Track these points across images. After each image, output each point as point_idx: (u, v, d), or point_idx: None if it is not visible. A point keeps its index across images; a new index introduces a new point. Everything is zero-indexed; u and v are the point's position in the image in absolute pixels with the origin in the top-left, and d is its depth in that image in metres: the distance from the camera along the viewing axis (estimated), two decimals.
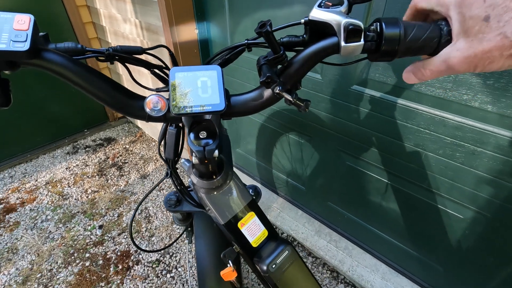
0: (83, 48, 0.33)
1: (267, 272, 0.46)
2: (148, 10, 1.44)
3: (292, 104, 0.36)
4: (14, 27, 0.26)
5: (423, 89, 0.86)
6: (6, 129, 1.94)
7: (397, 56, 0.32)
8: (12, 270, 1.37)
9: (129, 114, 0.36)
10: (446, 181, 0.95)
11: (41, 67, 0.30)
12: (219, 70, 0.34)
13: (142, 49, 0.38)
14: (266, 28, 0.29)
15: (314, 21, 0.33)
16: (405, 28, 0.30)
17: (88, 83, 0.32)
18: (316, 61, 0.34)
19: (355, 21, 0.30)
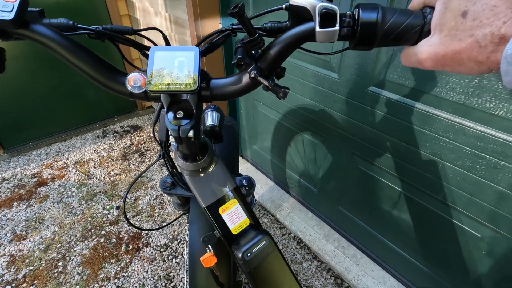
0: (75, 24, 0.36)
1: (242, 259, 0.46)
2: (177, 4, 1.49)
3: (269, 90, 0.35)
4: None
5: (444, 94, 0.81)
6: (46, 110, 2.12)
7: (375, 44, 0.30)
8: (37, 238, 1.50)
9: (113, 90, 0.38)
10: (464, 195, 0.88)
11: (30, 38, 0.32)
12: (197, 51, 0.35)
13: (132, 29, 0.39)
14: (237, 9, 0.29)
15: (293, 6, 0.32)
16: (384, 13, 0.29)
17: (74, 57, 0.34)
18: (293, 46, 0.33)
19: (330, 4, 0.29)
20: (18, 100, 1.98)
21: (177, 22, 1.58)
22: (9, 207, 1.67)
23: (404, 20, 0.28)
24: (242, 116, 1.76)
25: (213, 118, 0.60)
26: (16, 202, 1.71)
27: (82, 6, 1.97)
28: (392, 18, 0.28)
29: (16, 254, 1.42)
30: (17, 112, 2.00)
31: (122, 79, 0.37)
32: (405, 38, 0.29)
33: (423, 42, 0.28)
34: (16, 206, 1.68)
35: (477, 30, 0.23)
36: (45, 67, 1.98)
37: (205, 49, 0.41)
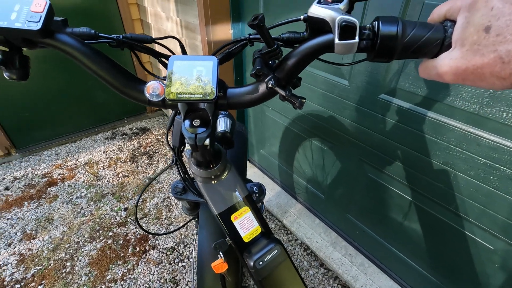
0: (96, 33, 0.37)
1: (254, 268, 0.46)
2: (188, 9, 1.51)
3: (286, 100, 0.36)
4: (31, 9, 0.30)
5: (457, 103, 0.80)
6: (58, 111, 2.16)
7: (394, 56, 0.30)
8: (46, 237, 1.52)
9: (132, 97, 0.38)
10: (477, 206, 0.86)
11: (54, 47, 0.33)
12: (215, 61, 0.35)
13: (151, 38, 0.40)
14: (257, 21, 0.30)
15: (312, 17, 0.32)
16: (404, 26, 0.29)
17: (95, 65, 0.35)
18: (311, 58, 0.34)
19: (350, 17, 0.29)
20: (31, 101, 2.02)
21: (188, 27, 1.60)
22: (20, 206, 1.70)
23: (425, 33, 0.28)
24: (250, 120, 1.77)
25: (225, 124, 0.61)
26: (27, 201, 1.73)
27: (97, 11, 2.01)
28: (412, 32, 0.28)
29: (26, 253, 1.44)
30: (29, 112, 2.04)
31: (140, 87, 0.38)
32: (425, 51, 0.29)
33: (444, 55, 0.28)
34: (26, 205, 1.71)
35: (501, 46, 0.23)
36: (57, 69, 2.02)
37: (222, 58, 0.41)
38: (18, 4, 0.30)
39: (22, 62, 0.33)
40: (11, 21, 0.29)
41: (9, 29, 0.29)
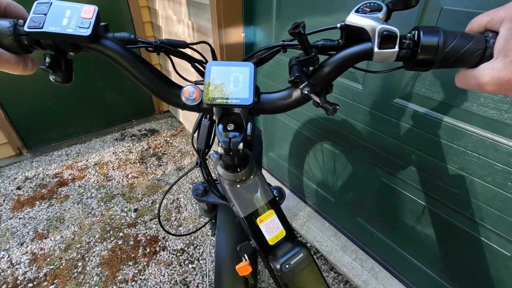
0: (136, 38, 0.38)
1: (280, 271, 0.46)
2: (201, 13, 1.53)
3: (320, 107, 0.36)
4: (81, 15, 0.31)
5: (474, 109, 0.80)
6: (69, 112, 2.19)
7: (433, 66, 0.31)
8: (58, 237, 1.53)
9: (167, 101, 0.39)
10: (493, 212, 0.86)
11: (99, 51, 0.34)
12: (252, 67, 0.36)
13: (186, 43, 0.41)
14: (299, 29, 0.30)
15: (350, 26, 0.33)
16: (445, 37, 0.29)
17: (135, 69, 0.36)
18: (348, 65, 0.34)
19: (391, 27, 0.30)
20: (43, 102, 2.05)
21: (200, 30, 1.62)
22: (31, 206, 1.72)
23: (466, 44, 0.29)
24: (260, 123, 1.77)
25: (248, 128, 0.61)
26: (38, 201, 1.75)
27: (108, 12, 2.04)
28: (453, 42, 0.29)
29: (38, 252, 1.45)
30: (41, 113, 2.07)
31: (176, 91, 0.39)
32: (465, 61, 0.30)
33: (485, 65, 0.28)
34: (38, 205, 1.73)
35: None
36: None
37: (254, 63, 0.42)
38: (69, 10, 0.31)
39: (67, 65, 0.35)
40: (63, 27, 0.30)
41: (61, 35, 0.30)
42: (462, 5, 0.74)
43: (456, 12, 0.75)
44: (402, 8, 0.32)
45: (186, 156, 2.17)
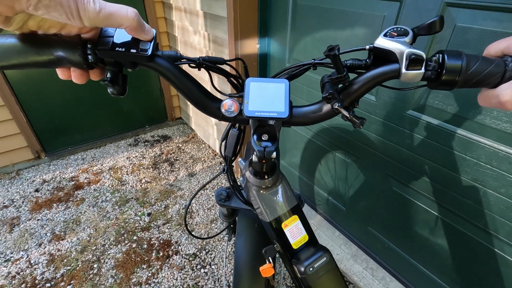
0: (181, 55, 0.42)
1: (304, 273, 0.49)
2: (218, 25, 1.59)
3: (348, 120, 0.40)
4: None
5: (488, 121, 0.82)
6: (85, 118, 2.26)
7: (456, 86, 0.34)
8: (74, 239, 1.58)
9: (207, 112, 0.43)
10: (507, 223, 0.87)
11: (153, 68, 0.38)
12: (287, 84, 0.40)
13: (223, 60, 0.45)
14: (334, 52, 0.34)
15: (378, 48, 0.36)
16: (468, 60, 0.32)
17: (182, 84, 0.40)
18: (376, 83, 0.38)
19: (418, 51, 0.33)
20: (62, 108, 2.13)
21: (216, 41, 1.68)
22: (49, 208, 1.78)
23: (487, 67, 0.32)
24: None
25: None
26: (55, 203, 1.81)
27: None
28: (475, 65, 0.32)
29: (55, 253, 1.50)
30: (60, 118, 2.15)
31: (215, 104, 0.43)
32: (486, 82, 0.33)
33: (506, 85, 0.31)
34: (55, 207, 1.78)
35: None
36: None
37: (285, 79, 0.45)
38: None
39: (123, 80, 0.39)
40: (128, 48, 0.35)
41: (125, 54, 0.35)
42: (476, 23, 0.77)
43: (469, 29, 0.79)
44: (426, 33, 0.35)
45: (198, 162, 2.22)
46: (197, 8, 1.71)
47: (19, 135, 2.00)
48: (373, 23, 1.01)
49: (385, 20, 0.97)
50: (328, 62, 0.42)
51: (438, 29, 0.34)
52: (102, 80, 0.37)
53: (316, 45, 1.26)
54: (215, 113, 0.43)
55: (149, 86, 2.46)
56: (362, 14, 1.03)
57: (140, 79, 2.38)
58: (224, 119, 0.43)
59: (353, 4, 1.05)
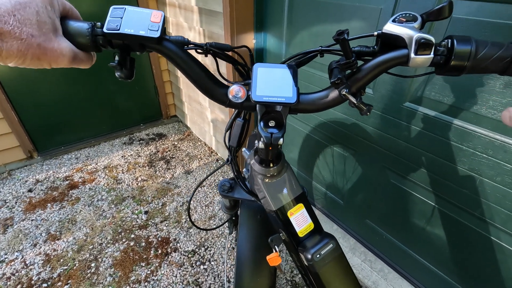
0: (188, 41, 0.42)
1: (311, 260, 0.49)
2: (213, 20, 1.58)
3: (355, 107, 0.40)
4: (151, 19, 0.35)
5: (483, 111, 0.84)
6: (79, 117, 2.22)
7: (464, 71, 0.34)
8: (70, 238, 1.55)
9: (214, 98, 0.43)
10: (503, 211, 0.89)
11: (161, 51, 0.38)
12: (295, 69, 0.40)
13: (230, 47, 0.45)
14: (343, 36, 0.34)
15: (386, 34, 0.37)
16: (477, 45, 0.33)
17: (190, 68, 0.40)
18: (384, 69, 0.38)
19: (427, 35, 0.34)
20: (55, 106, 2.09)
21: (212, 37, 1.67)
22: (43, 208, 1.75)
23: (496, 52, 0.32)
24: None
25: None
26: (50, 203, 1.78)
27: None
28: (484, 50, 0.33)
29: (51, 253, 1.47)
30: (52, 117, 2.11)
31: (222, 90, 0.42)
32: (494, 67, 0.33)
33: None
34: (50, 207, 1.75)
35: None
36: (79, 75, 2.09)
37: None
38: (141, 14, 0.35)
39: (131, 63, 0.38)
40: (137, 29, 0.34)
41: (134, 36, 0.34)
42: (472, 14, 0.78)
43: (465, 20, 0.80)
44: (435, 19, 0.35)
45: (194, 160, 2.21)
46: (192, 4, 1.70)
47: (11, 135, 1.96)
48: (370, 16, 1.01)
49: (382, 13, 0.98)
50: (335, 49, 0.42)
51: (447, 15, 0.35)
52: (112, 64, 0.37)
53: (313, 40, 1.26)
54: (222, 99, 0.43)
55: (144, 84, 2.43)
56: (358, 7, 1.03)
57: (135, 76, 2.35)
58: (231, 106, 0.43)
59: None
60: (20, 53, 0.31)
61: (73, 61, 0.36)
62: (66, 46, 0.35)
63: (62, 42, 0.34)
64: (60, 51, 0.34)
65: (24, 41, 0.31)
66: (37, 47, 0.32)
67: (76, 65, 0.37)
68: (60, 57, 0.34)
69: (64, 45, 0.34)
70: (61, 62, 0.35)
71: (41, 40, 0.32)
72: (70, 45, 0.35)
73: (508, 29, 0.73)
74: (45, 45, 0.33)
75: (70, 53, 0.35)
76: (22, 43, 0.31)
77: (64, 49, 0.34)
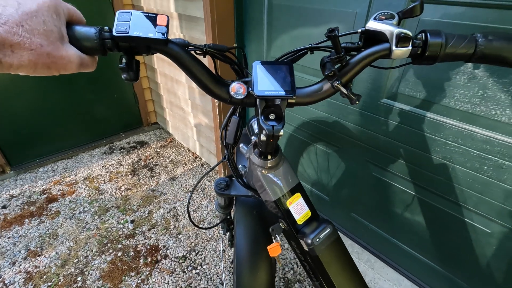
0: (188, 43, 0.44)
1: (312, 245, 0.52)
2: (194, 26, 1.60)
3: (346, 97, 0.44)
4: (157, 22, 0.37)
5: (452, 104, 0.92)
6: (54, 127, 2.14)
7: (438, 60, 0.40)
8: (52, 253, 1.49)
9: (216, 96, 0.45)
10: (474, 194, 0.98)
11: (167, 53, 0.40)
12: (291, 65, 0.44)
13: (226, 48, 0.48)
14: (335, 33, 0.38)
15: (369, 30, 0.41)
16: (447, 37, 0.38)
17: (195, 68, 0.42)
18: (370, 61, 0.42)
19: (406, 30, 0.38)
20: (27, 117, 2.00)
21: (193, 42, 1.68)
22: (20, 224, 1.66)
23: (462, 42, 0.38)
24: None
25: None
26: (27, 219, 1.69)
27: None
28: (452, 41, 0.38)
29: (33, 270, 1.40)
30: (25, 129, 2.01)
31: (224, 87, 0.45)
32: (462, 56, 0.39)
33: None
34: (27, 222, 1.66)
35: None
36: (54, 84, 2.01)
37: None
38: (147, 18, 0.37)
39: (136, 65, 0.40)
40: (145, 32, 0.36)
41: (143, 38, 0.36)
42: (436, 16, 0.87)
43: (431, 21, 0.88)
44: (409, 16, 0.41)
45: (179, 166, 2.19)
46: (171, 10, 1.71)
47: None
48: (346, 19, 1.08)
49: (357, 16, 1.05)
50: (323, 46, 0.47)
51: (419, 13, 0.40)
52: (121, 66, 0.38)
53: (293, 43, 1.32)
54: (223, 97, 0.45)
55: (122, 91, 2.38)
56: (335, 11, 1.10)
57: (113, 84, 2.30)
58: (232, 102, 0.46)
59: (326, 2, 1.12)
60: (31, 63, 0.32)
61: (80, 67, 0.37)
62: (73, 53, 0.36)
63: (69, 49, 0.35)
64: (68, 58, 0.35)
65: (34, 51, 0.32)
66: (47, 57, 0.33)
67: (83, 69, 0.38)
68: (68, 64, 0.35)
69: (72, 52, 0.36)
70: (70, 68, 0.36)
71: (50, 49, 0.33)
72: (76, 51, 0.36)
73: (469, 28, 0.82)
74: (55, 54, 0.33)
75: (77, 59, 0.36)
76: (32, 53, 0.32)
77: (72, 56, 0.35)
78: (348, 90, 0.43)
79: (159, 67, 2.19)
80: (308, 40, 1.25)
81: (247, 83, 0.46)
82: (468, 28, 0.82)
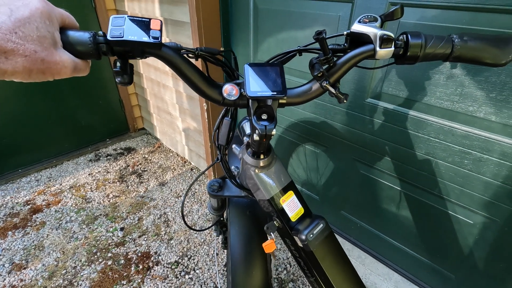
0: (181, 46, 0.45)
1: (306, 240, 0.54)
2: (180, 30, 1.60)
3: (334, 96, 0.46)
4: (151, 27, 0.38)
5: (433, 102, 0.96)
6: (37, 136, 2.07)
7: (419, 60, 0.42)
8: (39, 265, 1.44)
9: (209, 98, 0.46)
10: (456, 187, 1.02)
11: (161, 56, 0.41)
12: (281, 67, 0.45)
13: (218, 51, 0.49)
14: (322, 35, 0.40)
15: (354, 33, 0.44)
16: (426, 38, 0.41)
17: (188, 71, 0.43)
18: (356, 62, 0.45)
19: (388, 32, 0.41)
20: (9, 126, 1.93)
21: None
22: (3, 236, 1.59)
23: (440, 43, 0.41)
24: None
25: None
26: (11, 231, 1.63)
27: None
28: (431, 42, 0.41)
29: (18, 284, 1.35)
30: (7, 138, 1.94)
31: (216, 89, 0.46)
32: (440, 55, 0.42)
33: None
34: (11, 235, 1.61)
35: None
36: (36, 90, 1.96)
37: None
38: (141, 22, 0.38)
39: (130, 69, 0.40)
40: (140, 36, 0.37)
41: (138, 42, 0.37)
42: (414, 19, 0.91)
43: (410, 23, 0.93)
44: (391, 19, 0.43)
45: (168, 171, 2.17)
46: (156, 15, 1.71)
47: None
48: (330, 23, 1.12)
49: (341, 20, 1.08)
50: (311, 48, 0.49)
51: (400, 16, 0.43)
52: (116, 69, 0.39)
53: (279, 45, 1.34)
54: (216, 98, 0.46)
55: (107, 97, 2.34)
56: (319, 15, 1.14)
57: (97, 90, 2.26)
58: (225, 104, 0.47)
59: (310, 6, 1.15)
60: (26, 69, 0.32)
61: (74, 71, 0.38)
62: (67, 58, 0.36)
63: (63, 54, 0.36)
64: (62, 64, 0.35)
65: (28, 58, 0.32)
66: (41, 62, 0.33)
67: (77, 74, 0.38)
68: (63, 69, 0.36)
69: (65, 57, 0.36)
70: (64, 73, 0.36)
71: (44, 55, 0.33)
72: (70, 56, 0.37)
73: (445, 29, 0.86)
74: (48, 59, 0.34)
75: (71, 64, 0.36)
76: (26, 59, 0.32)
77: (66, 61, 0.36)
78: (336, 90, 0.45)
79: (144, 72, 2.17)
80: (294, 43, 1.28)
81: (239, 84, 0.47)
82: (444, 29, 0.86)
